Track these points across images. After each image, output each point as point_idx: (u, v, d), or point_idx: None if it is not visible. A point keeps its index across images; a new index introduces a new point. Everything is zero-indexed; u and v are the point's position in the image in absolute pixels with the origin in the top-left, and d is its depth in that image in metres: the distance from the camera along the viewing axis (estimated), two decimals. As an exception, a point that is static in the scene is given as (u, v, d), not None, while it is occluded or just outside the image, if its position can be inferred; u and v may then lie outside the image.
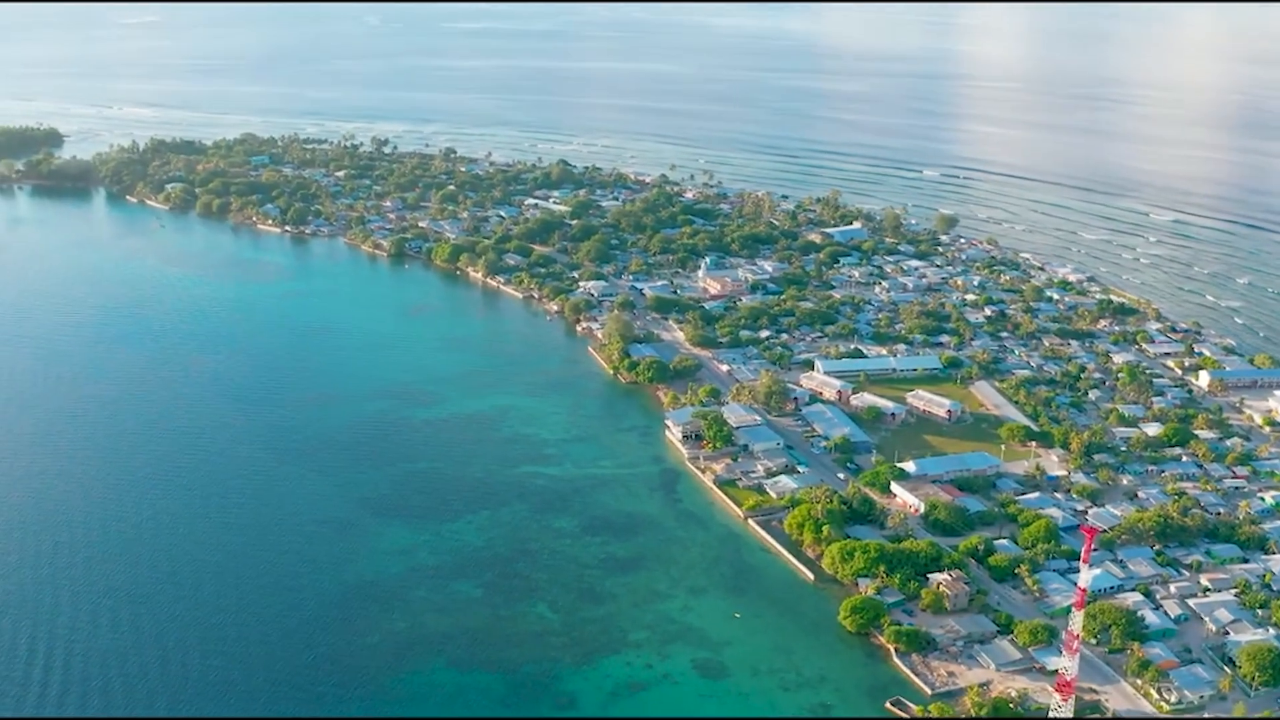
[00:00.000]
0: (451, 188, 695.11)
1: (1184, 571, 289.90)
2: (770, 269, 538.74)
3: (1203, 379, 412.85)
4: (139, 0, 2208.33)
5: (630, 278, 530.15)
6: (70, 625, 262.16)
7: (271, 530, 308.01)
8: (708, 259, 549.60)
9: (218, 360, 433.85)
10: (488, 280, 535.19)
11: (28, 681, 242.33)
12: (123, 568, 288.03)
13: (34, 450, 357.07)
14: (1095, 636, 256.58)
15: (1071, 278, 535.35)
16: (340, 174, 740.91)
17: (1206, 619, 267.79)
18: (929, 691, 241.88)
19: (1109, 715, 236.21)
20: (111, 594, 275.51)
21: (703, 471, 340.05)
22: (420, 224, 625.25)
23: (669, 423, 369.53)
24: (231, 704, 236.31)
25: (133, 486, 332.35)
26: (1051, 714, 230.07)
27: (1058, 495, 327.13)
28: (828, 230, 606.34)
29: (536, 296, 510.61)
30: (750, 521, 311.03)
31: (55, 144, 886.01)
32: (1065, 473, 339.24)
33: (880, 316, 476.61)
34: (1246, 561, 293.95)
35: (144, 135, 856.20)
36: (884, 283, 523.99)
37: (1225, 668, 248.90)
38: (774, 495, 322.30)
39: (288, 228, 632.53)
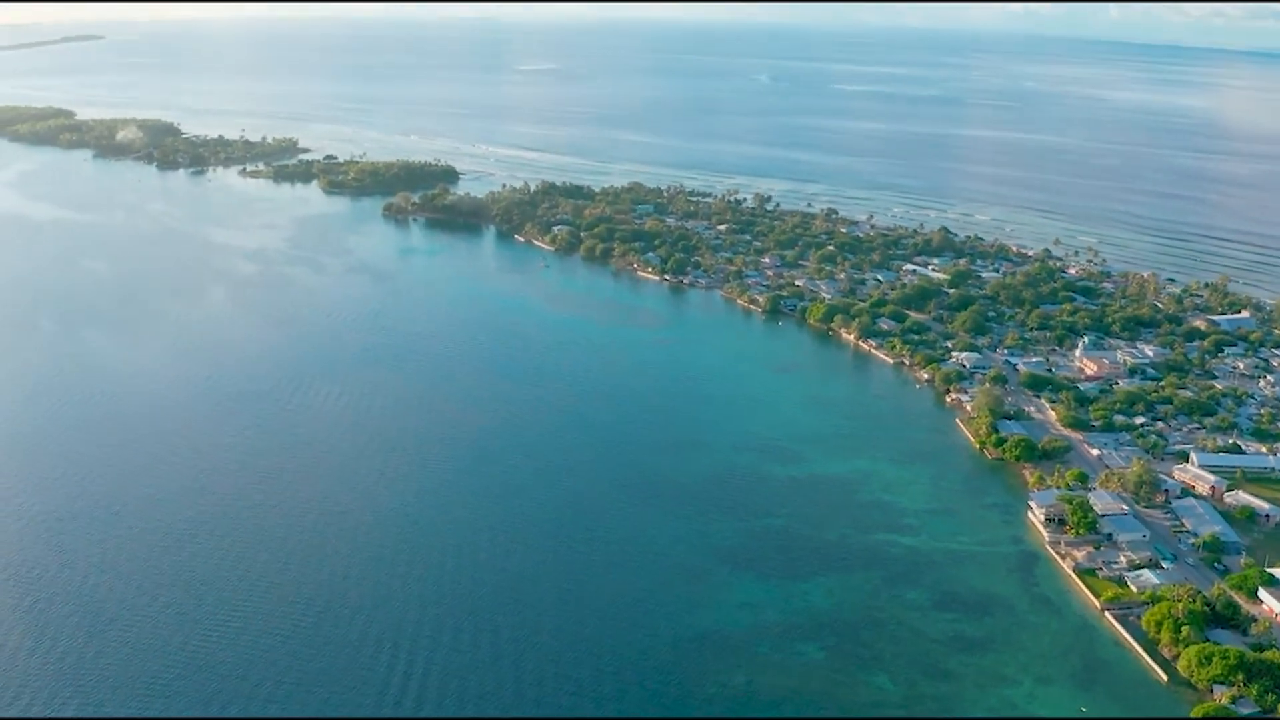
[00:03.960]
0: (830, 248, 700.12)
1: None
2: (1151, 353, 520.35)
3: None
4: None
5: (1005, 351, 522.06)
6: (431, 642, 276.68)
7: (624, 569, 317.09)
8: (1086, 338, 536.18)
9: (588, 399, 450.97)
10: (859, 343, 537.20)
11: (386, 686, 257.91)
12: (476, 588, 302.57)
13: (408, 469, 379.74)
14: None
15: None
16: (721, 227, 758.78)
17: None
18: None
19: None
20: (471, 613, 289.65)
21: (1062, 557, 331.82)
22: (796, 282, 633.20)
23: (1032, 503, 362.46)
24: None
25: (494, 512, 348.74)
26: None
27: None
28: (1213, 317, 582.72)
29: (907, 363, 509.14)
30: (1107, 614, 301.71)
31: (451, 180, 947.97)
32: None
33: (1263, 412, 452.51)
34: None
35: (535, 177, 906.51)
36: (1270, 376, 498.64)
37: None
38: (1134, 589, 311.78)
39: (667, 276, 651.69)
